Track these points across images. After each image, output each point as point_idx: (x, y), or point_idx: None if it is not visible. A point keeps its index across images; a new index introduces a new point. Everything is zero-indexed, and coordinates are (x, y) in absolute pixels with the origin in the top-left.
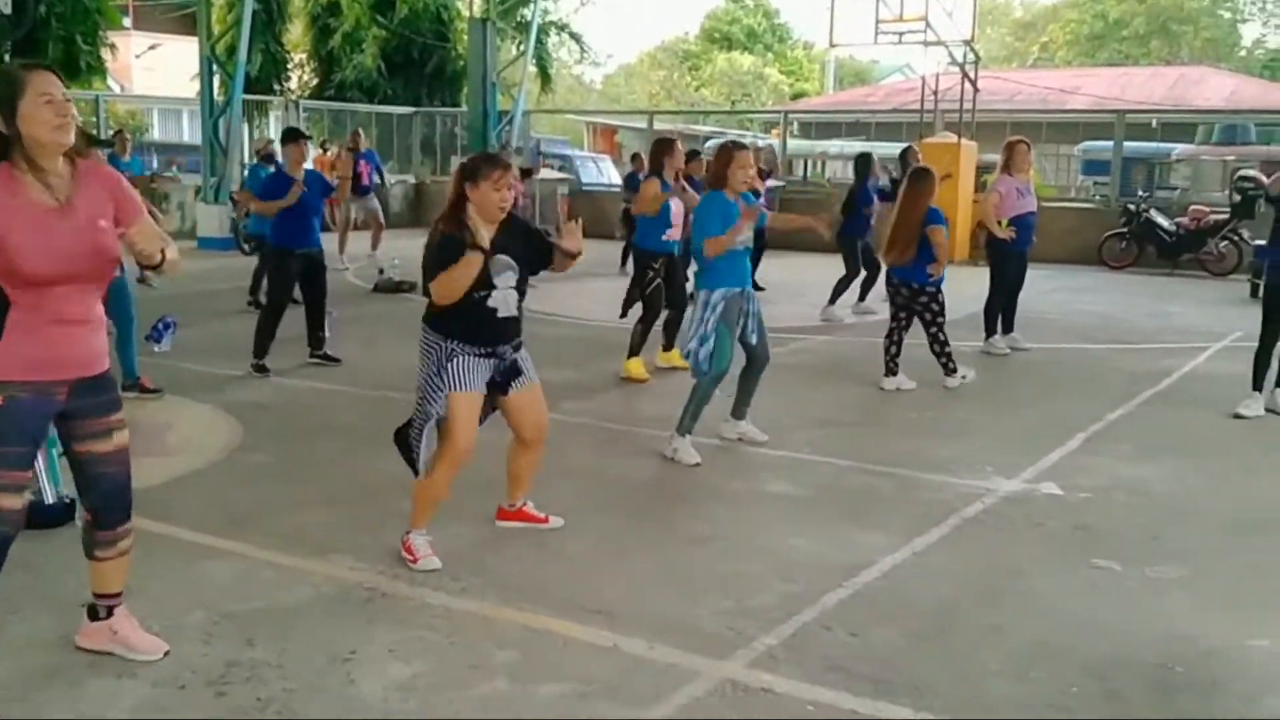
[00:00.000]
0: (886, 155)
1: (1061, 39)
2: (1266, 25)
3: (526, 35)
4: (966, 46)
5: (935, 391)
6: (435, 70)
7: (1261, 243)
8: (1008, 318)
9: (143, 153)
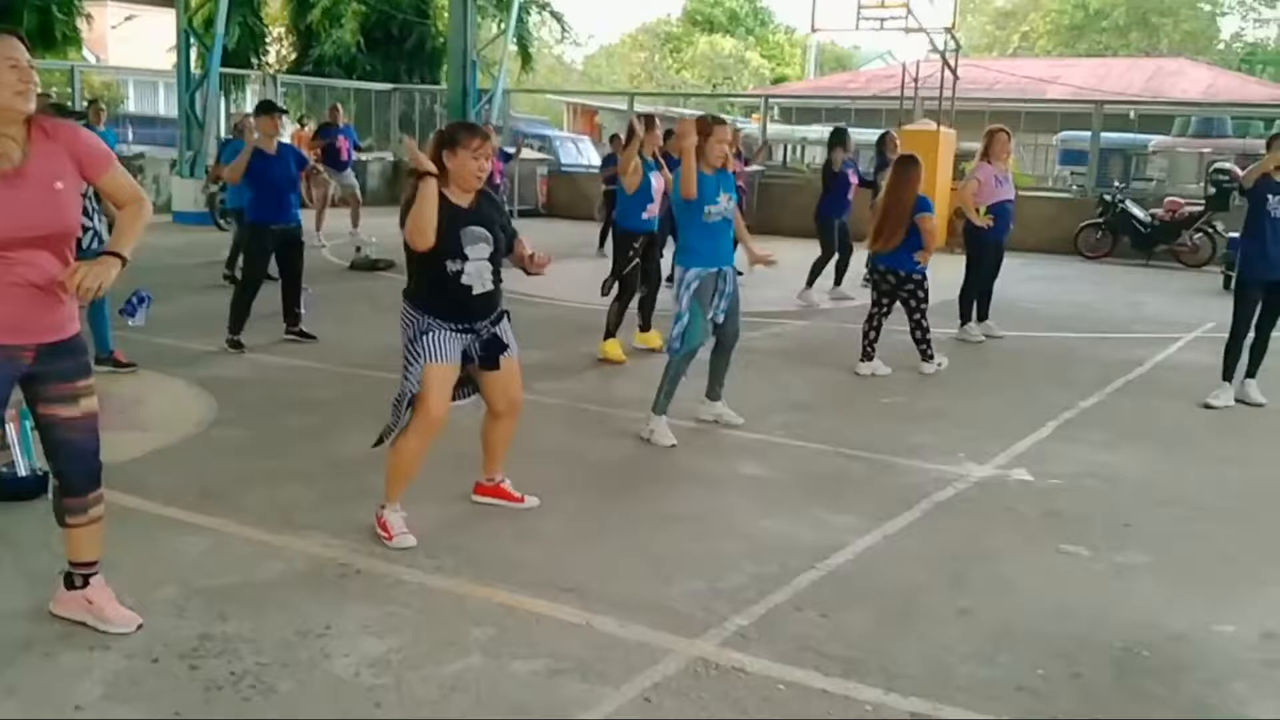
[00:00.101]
0: (865, 141)
1: (1042, 28)
2: (1245, 19)
3: (507, 13)
4: (947, 34)
5: (910, 377)
6: (415, 47)
7: (1235, 235)
8: (983, 305)
9: (118, 125)
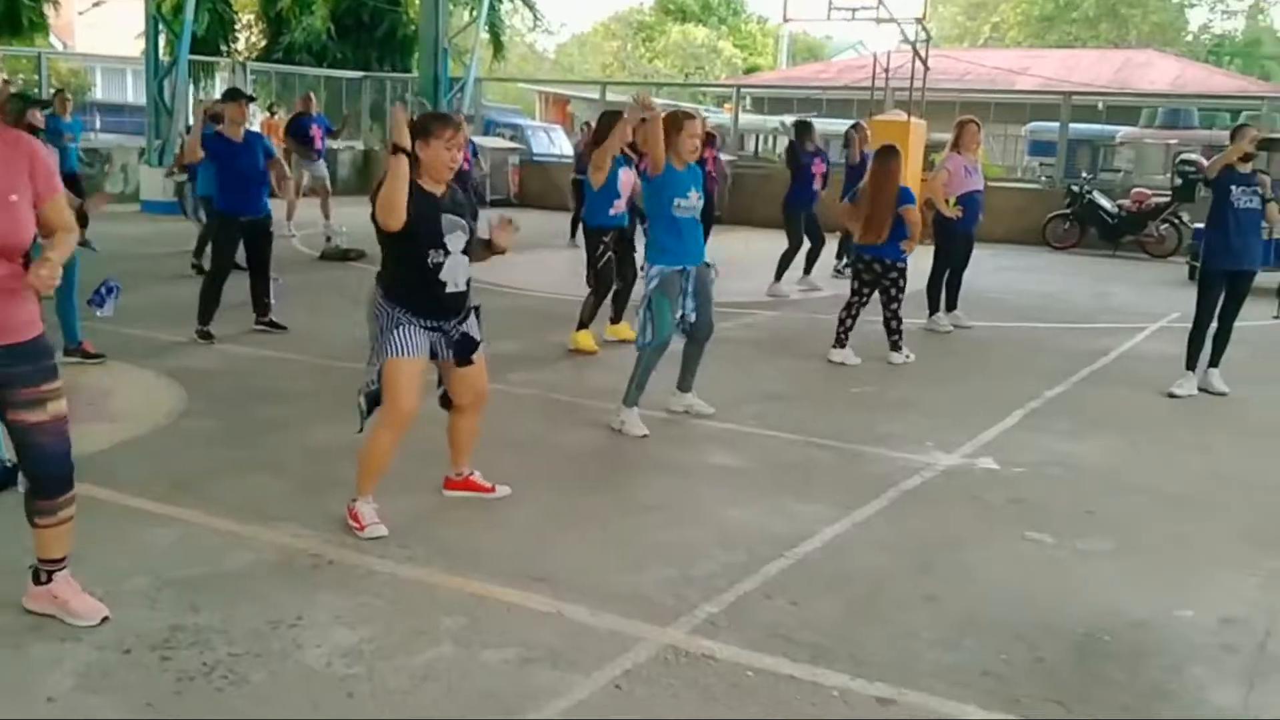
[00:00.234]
0: (835, 132)
1: (1013, 19)
2: (1213, 11)
3: (479, 1)
4: (918, 25)
5: (880, 367)
6: (386, 34)
7: (1200, 226)
8: (952, 296)
9: (84, 113)
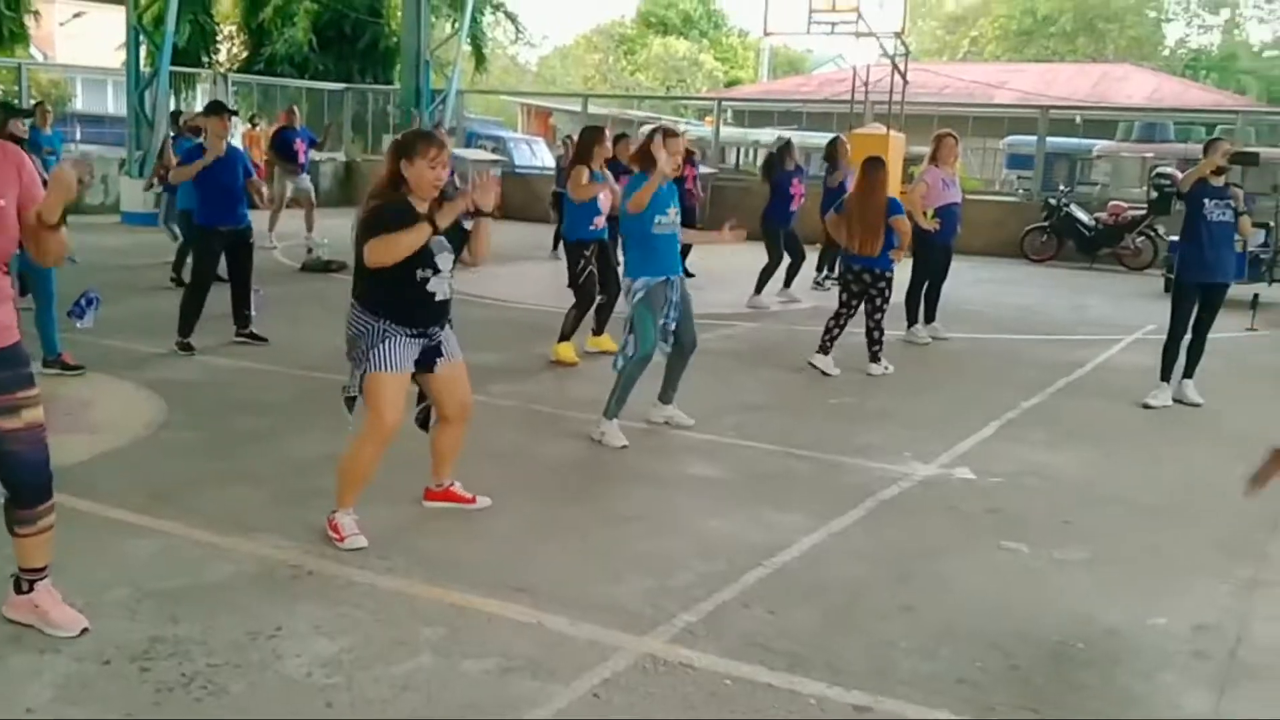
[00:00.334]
0: (816, 145)
1: (991, 33)
2: (1189, 25)
3: (461, 13)
4: (897, 39)
5: (857, 378)
6: (368, 46)
7: (1176, 238)
8: (930, 307)
9: (65, 124)
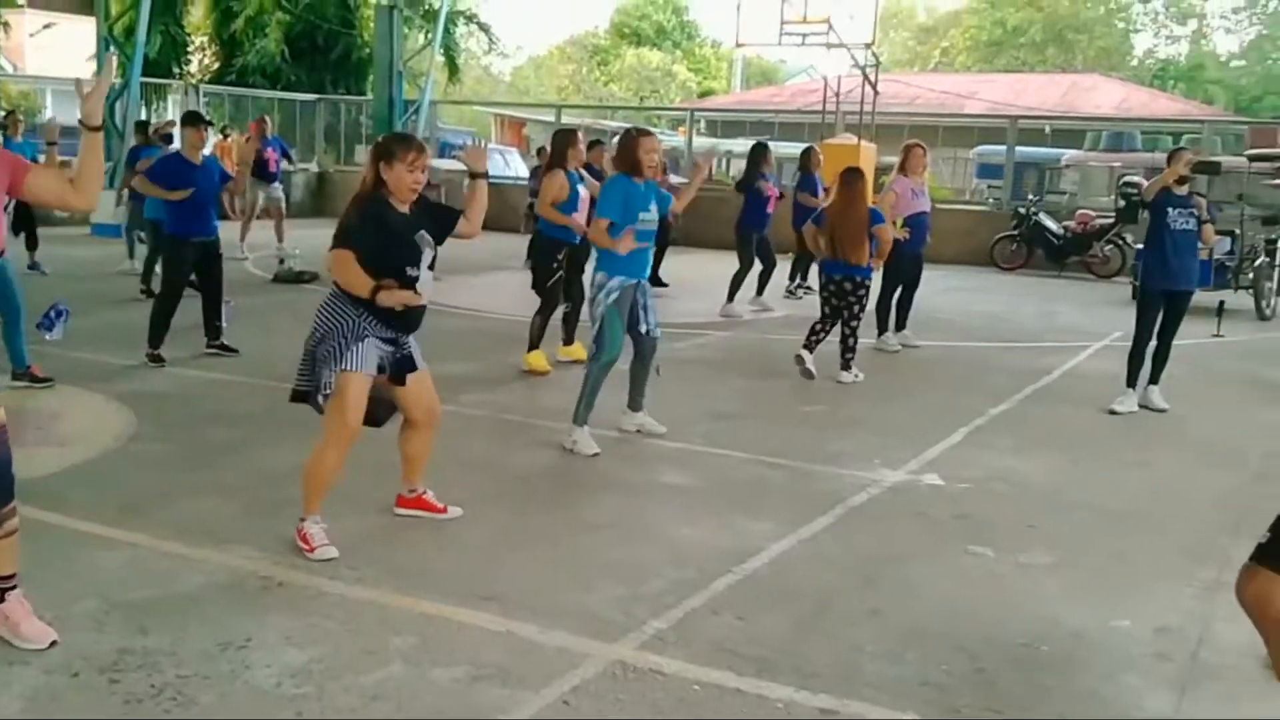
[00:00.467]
0: (789, 155)
1: (962, 44)
2: (1157, 36)
3: (434, 24)
4: (867, 50)
5: (829, 386)
6: (340, 57)
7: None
8: (901, 316)
9: (36, 134)
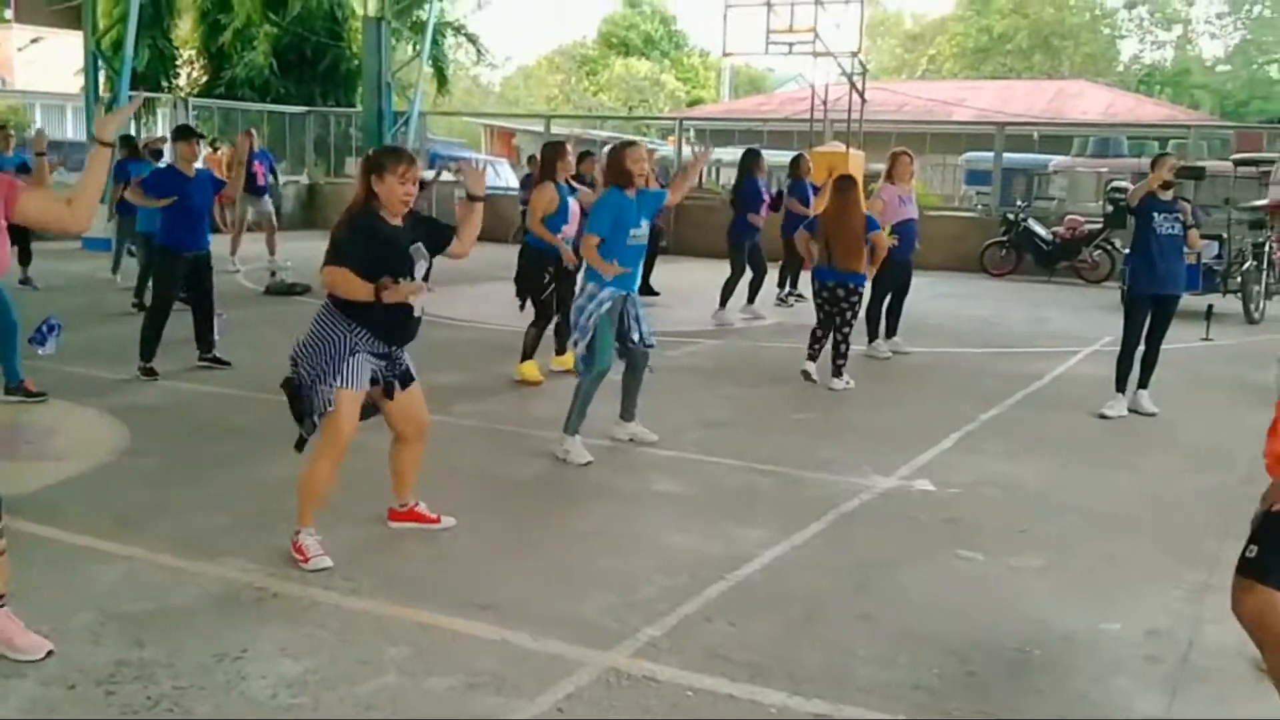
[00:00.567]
0: (778, 163)
1: (949, 51)
2: (1143, 42)
3: (422, 36)
4: (854, 58)
5: (820, 393)
6: (329, 69)
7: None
8: (892, 322)
9: (26, 148)
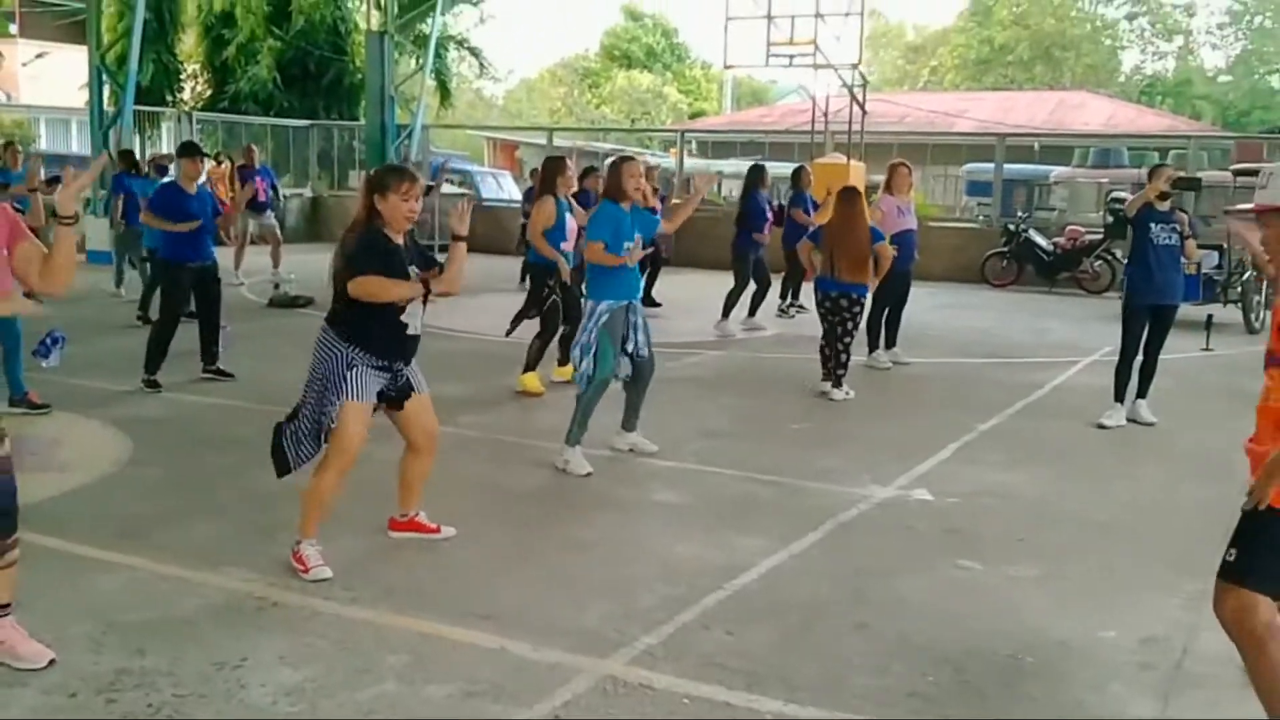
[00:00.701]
0: (779, 174)
1: (950, 63)
2: (1144, 52)
3: (425, 49)
4: (854, 70)
5: (820, 404)
6: (332, 83)
7: None
8: (891, 333)
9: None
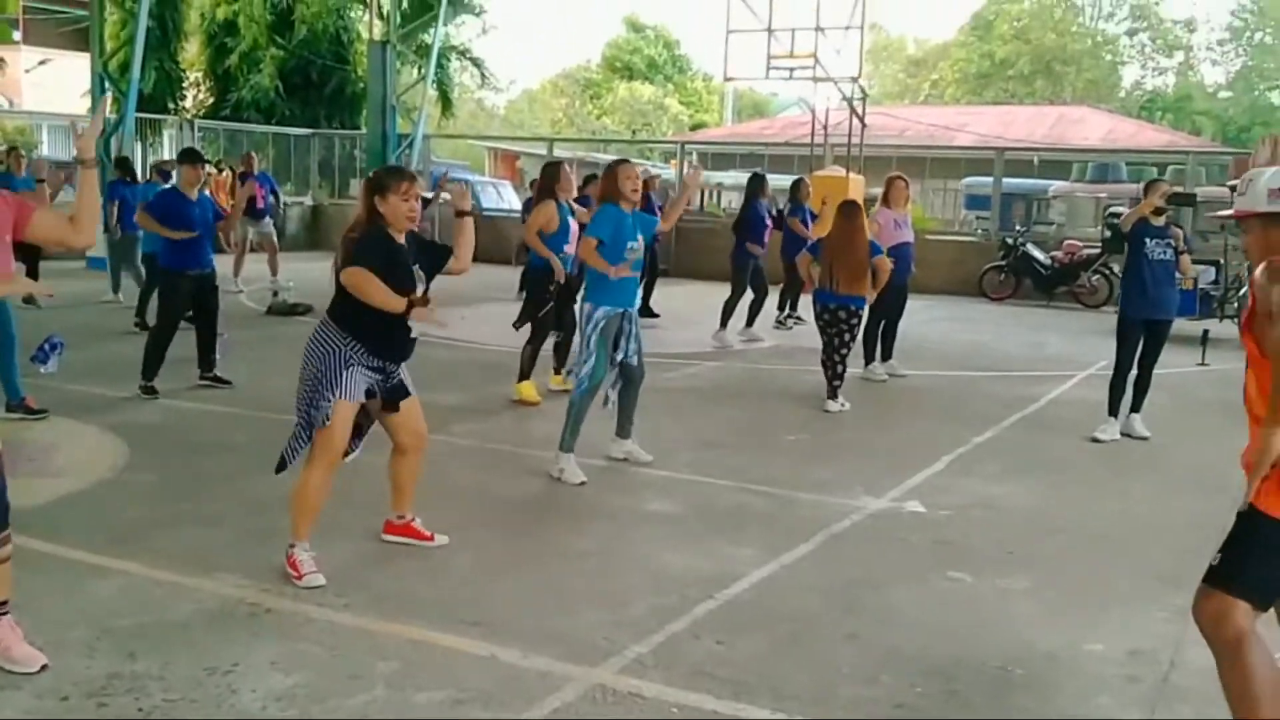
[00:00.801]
0: (778, 187)
1: (951, 77)
2: (1145, 68)
3: (427, 59)
4: (854, 84)
5: (815, 415)
6: (334, 92)
7: None
8: (887, 345)
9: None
